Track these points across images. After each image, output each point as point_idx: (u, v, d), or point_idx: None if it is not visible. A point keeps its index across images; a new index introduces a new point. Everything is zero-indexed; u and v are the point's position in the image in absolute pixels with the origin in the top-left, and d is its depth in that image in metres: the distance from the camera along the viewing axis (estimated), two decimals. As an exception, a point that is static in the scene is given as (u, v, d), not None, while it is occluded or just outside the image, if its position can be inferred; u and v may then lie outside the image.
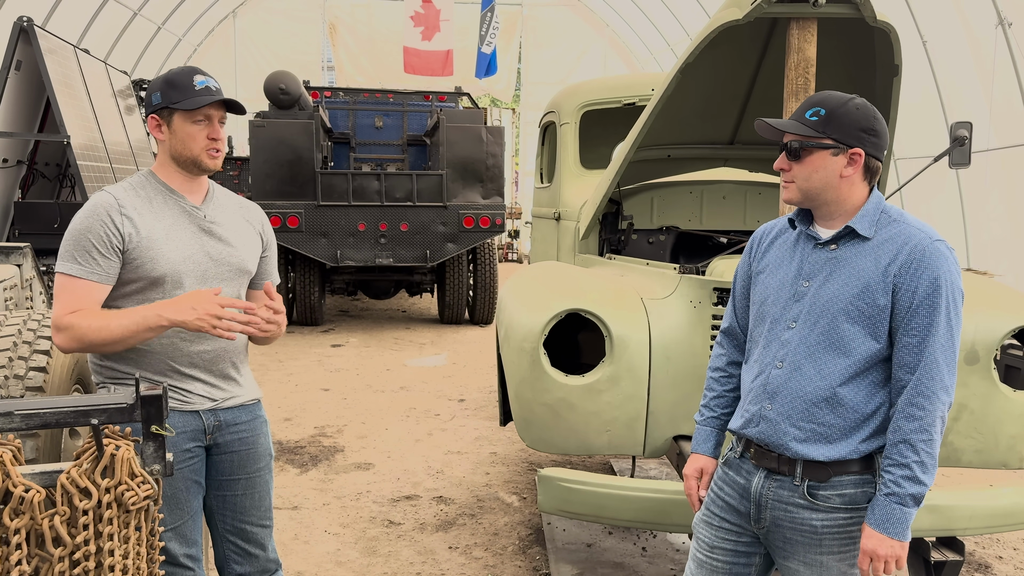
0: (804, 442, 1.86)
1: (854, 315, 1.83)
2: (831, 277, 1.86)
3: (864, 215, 1.86)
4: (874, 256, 1.83)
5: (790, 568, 1.94)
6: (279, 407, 6.23)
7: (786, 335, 1.90)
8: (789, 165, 1.88)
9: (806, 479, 1.87)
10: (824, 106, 1.84)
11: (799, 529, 1.88)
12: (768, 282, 1.97)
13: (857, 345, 1.83)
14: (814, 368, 1.86)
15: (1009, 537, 4.03)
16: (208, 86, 2.09)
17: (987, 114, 8.72)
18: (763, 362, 1.94)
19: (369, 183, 8.97)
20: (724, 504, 2.01)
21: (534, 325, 2.90)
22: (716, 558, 2.02)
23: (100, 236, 2.01)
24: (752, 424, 1.94)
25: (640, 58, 18.09)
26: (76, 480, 1.52)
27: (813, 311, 1.87)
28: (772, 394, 1.90)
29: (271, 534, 2.34)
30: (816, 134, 1.83)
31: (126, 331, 1.95)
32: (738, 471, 1.99)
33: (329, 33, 17.46)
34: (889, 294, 1.81)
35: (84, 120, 8.30)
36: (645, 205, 4.23)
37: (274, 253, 2.39)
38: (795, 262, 1.93)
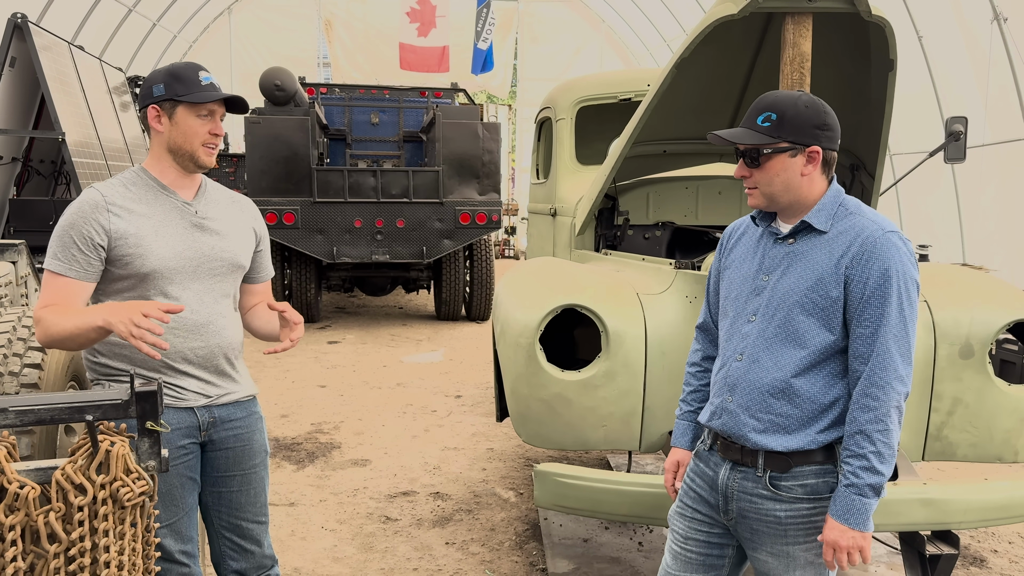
0: (763, 433, 1.89)
1: (808, 307, 1.85)
2: (788, 271, 1.89)
3: (820, 209, 1.89)
4: (828, 249, 1.86)
5: (759, 559, 1.97)
6: (276, 403, 6.23)
7: (746, 328, 1.94)
8: (750, 172, 1.91)
9: (768, 470, 1.90)
10: (774, 110, 1.86)
11: (764, 520, 1.91)
12: (732, 277, 2.01)
13: (812, 337, 1.86)
14: (771, 360, 1.89)
15: (1004, 531, 4.04)
16: (213, 83, 2.12)
17: (982, 109, 8.73)
18: (725, 355, 1.99)
19: (365, 179, 8.96)
20: (696, 496, 2.05)
21: (530, 321, 2.90)
22: (690, 549, 2.05)
23: (82, 234, 2.02)
24: (716, 416, 1.98)
25: (636, 54, 18.08)
26: (71, 476, 1.52)
27: (771, 304, 1.90)
28: (732, 386, 1.94)
29: (267, 530, 2.34)
30: (771, 139, 1.85)
31: (76, 329, 1.92)
32: (707, 463, 2.03)
33: (325, 29, 17.42)
34: (841, 286, 1.83)
35: (79, 117, 8.27)
36: (641, 200, 4.23)
37: (267, 247, 2.40)
38: (757, 257, 1.97)
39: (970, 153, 4.44)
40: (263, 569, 2.33)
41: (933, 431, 3.01)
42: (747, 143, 1.87)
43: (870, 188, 3.67)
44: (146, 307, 1.86)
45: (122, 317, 1.85)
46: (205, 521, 2.29)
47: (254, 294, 2.40)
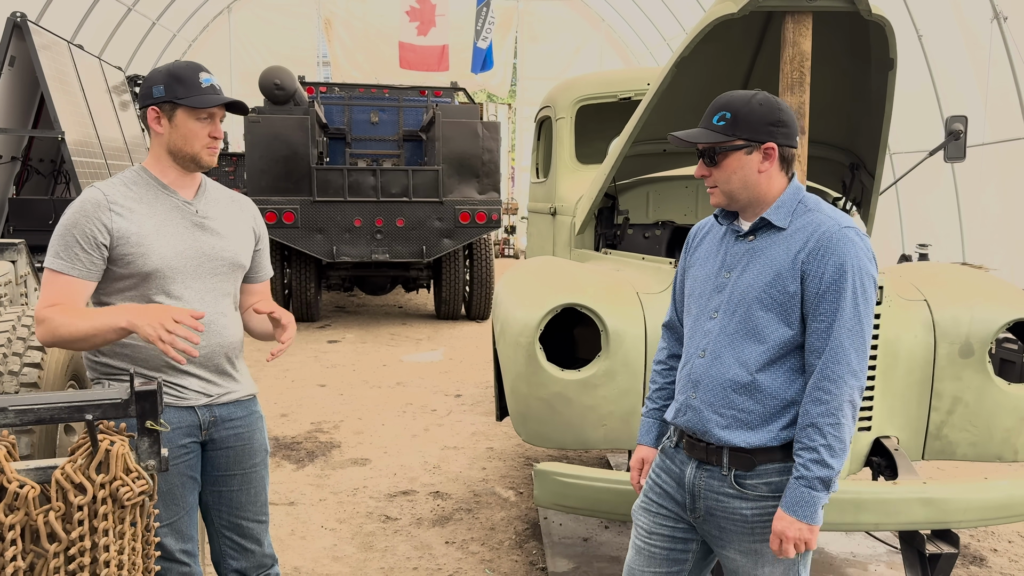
0: (726, 428, 1.91)
1: (767, 303, 1.87)
2: (748, 267, 1.92)
3: (780, 206, 1.92)
4: (786, 245, 1.88)
5: (728, 557, 1.98)
6: (275, 403, 6.23)
7: (708, 325, 1.96)
8: (709, 171, 1.94)
9: (733, 468, 1.92)
10: (728, 109, 1.89)
11: (731, 518, 1.93)
12: (696, 275, 2.04)
13: (771, 332, 1.88)
14: (733, 356, 1.91)
15: (1004, 530, 4.04)
16: (213, 84, 2.11)
17: (982, 108, 8.73)
18: (689, 352, 2.01)
19: (365, 179, 8.95)
20: (661, 491, 2.06)
21: (530, 320, 2.90)
22: (654, 544, 2.06)
23: (85, 232, 2.01)
24: (681, 413, 2.00)
25: (636, 53, 18.08)
26: (71, 476, 1.52)
27: (732, 301, 1.92)
28: (696, 383, 1.96)
29: (267, 529, 2.34)
30: (726, 138, 1.88)
31: (93, 330, 1.93)
32: (673, 460, 2.05)
33: (324, 28, 17.41)
34: (798, 281, 1.85)
35: (78, 116, 8.27)
36: (641, 200, 4.23)
37: (266, 246, 2.40)
38: (719, 255, 2.00)
39: (970, 152, 4.44)
40: (263, 568, 2.33)
41: (933, 430, 3.01)
42: (703, 142, 1.90)
43: (870, 187, 3.67)
44: (177, 313, 1.88)
45: (151, 321, 1.87)
46: (205, 520, 2.29)
47: (253, 294, 2.40)
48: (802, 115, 2.83)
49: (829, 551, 3.70)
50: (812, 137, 3.62)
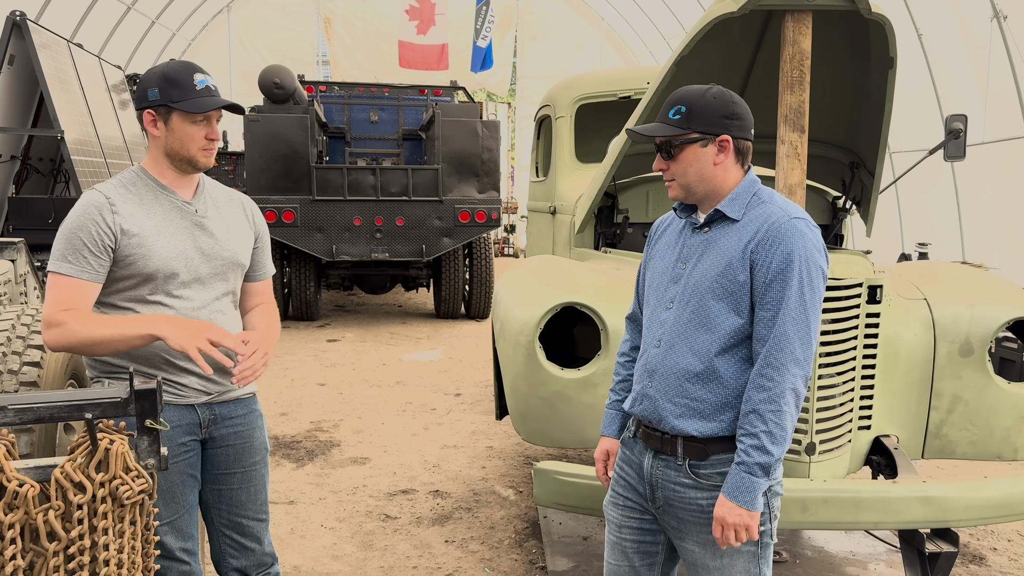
0: (680, 418, 1.93)
1: (719, 293, 1.90)
2: (702, 258, 1.95)
3: (734, 198, 1.95)
4: (737, 236, 1.92)
5: (686, 549, 1.99)
6: (275, 402, 6.23)
7: (664, 315, 1.99)
8: (666, 165, 1.97)
9: (687, 458, 1.94)
10: (683, 103, 1.93)
11: (688, 508, 1.95)
12: (655, 268, 2.07)
13: (723, 322, 1.90)
14: (686, 345, 1.93)
15: (1003, 528, 4.04)
16: (208, 86, 2.08)
17: (982, 107, 8.73)
18: (646, 342, 2.04)
19: (364, 178, 8.95)
20: (626, 484, 2.09)
21: (530, 319, 2.90)
22: (625, 537, 2.08)
23: (92, 235, 2.00)
24: (637, 403, 2.03)
25: (636, 52, 18.07)
26: (70, 474, 1.52)
27: (686, 291, 1.95)
28: (651, 372, 1.98)
29: (267, 528, 2.34)
30: (681, 131, 1.92)
31: (118, 336, 1.95)
32: (632, 451, 2.08)
33: (324, 27, 17.40)
34: (748, 270, 1.88)
35: (78, 115, 8.27)
36: (640, 199, 4.23)
37: (267, 244, 2.39)
38: (677, 247, 2.03)
39: (970, 151, 4.43)
40: (263, 567, 2.33)
41: (933, 429, 3.01)
42: (660, 136, 1.94)
43: (870, 186, 3.67)
44: (215, 333, 1.95)
45: (188, 336, 1.92)
46: (205, 519, 2.29)
47: (255, 293, 2.38)
48: (802, 114, 2.82)
49: (829, 550, 3.70)
50: (812, 136, 3.62)
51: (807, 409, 2.72)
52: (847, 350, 2.80)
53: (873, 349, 2.87)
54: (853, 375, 2.84)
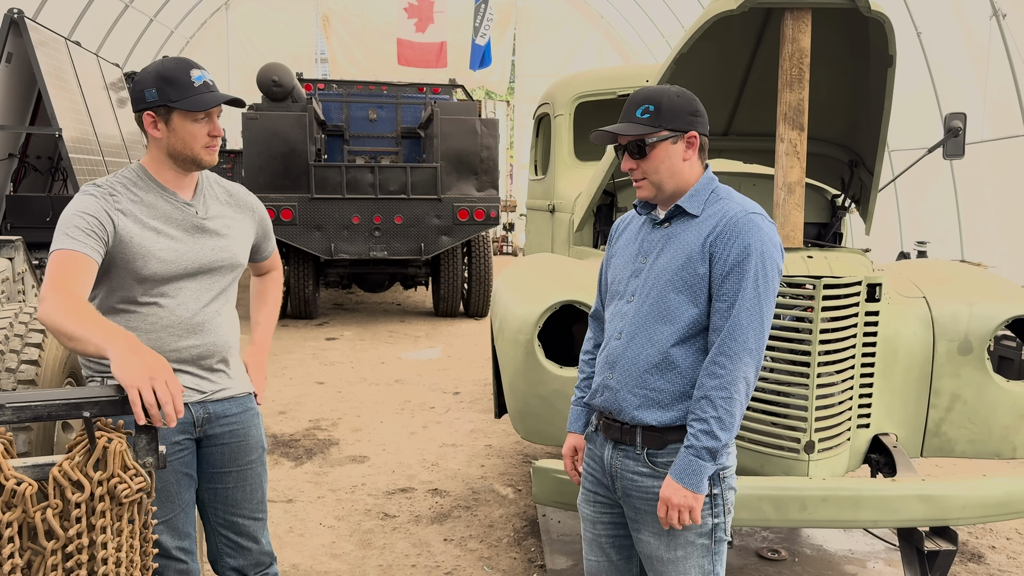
0: (639, 408, 1.97)
1: (679, 285, 1.94)
2: (663, 253, 1.99)
3: (694, 194, 1.99)
4: (697, 231, 1.96)
5: (642, 540, 2.01)
6: (273, 400, 6.22)
7: (625, 308, 2.02)
8: (636, 164, 1.99)
9: (645, 447, 1.97)
10: (651, 101, 1.96)
11: (645, 498, 1.97)
12: (616, 264, 2.11)
13: (681, 313, 1.94)
14: (646, 336, 1.97)
15: (1002, 527, 4.05)
16: (206, 81, 2.03)
17: (981, 105, 8.73)
18: (608, 335, 2.07)
19: (363, 176, 8.94)
20: (594, 479, 2.11)
21: (529, 317, 2.89)
22: (600, 533, 2.11)
23: (92, 217, 1.96)
24: (598, 394, 2.06)
25: (635, 50, 18.06)
26: (68, 473, 1.51)
27: (647, 284, 1.99)
28: (612, 364, 2.01)
29: (264, 527, 2.33)
30: (653, 128, 1.95)
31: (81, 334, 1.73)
32: (594, 443, 2.11)
33: (322, 25, 17.38)
34: (707, 263, 1.93)
35: (76, 113, 8.25)
36: (639, 197, 4.22)
37: (268, 226, 2.41)
38: (637, 243, 2.07)
39: (969, 149, 4.43)
40: (261, 567, 2.32)
41: (932, 427, 3.01)
42: (631, 134, 1.96)
43: (869, 184, 3.66)
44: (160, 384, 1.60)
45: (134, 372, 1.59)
46: (202, 518, 2.28)
47: (263, 268, 2.49)
48: (801, 112, 2.82)
49: (828, 548, 3.70)
50: (811, 134, 3.61)
51: (806, 408, 2.72)
52: (846, 348, 2.80)
53: (872, 347, 2.87)
54: (852, 373, 2.84)
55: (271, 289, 2.52)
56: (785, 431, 2.76)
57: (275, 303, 2.52)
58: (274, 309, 2.51)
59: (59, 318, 1.77)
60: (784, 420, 2.76)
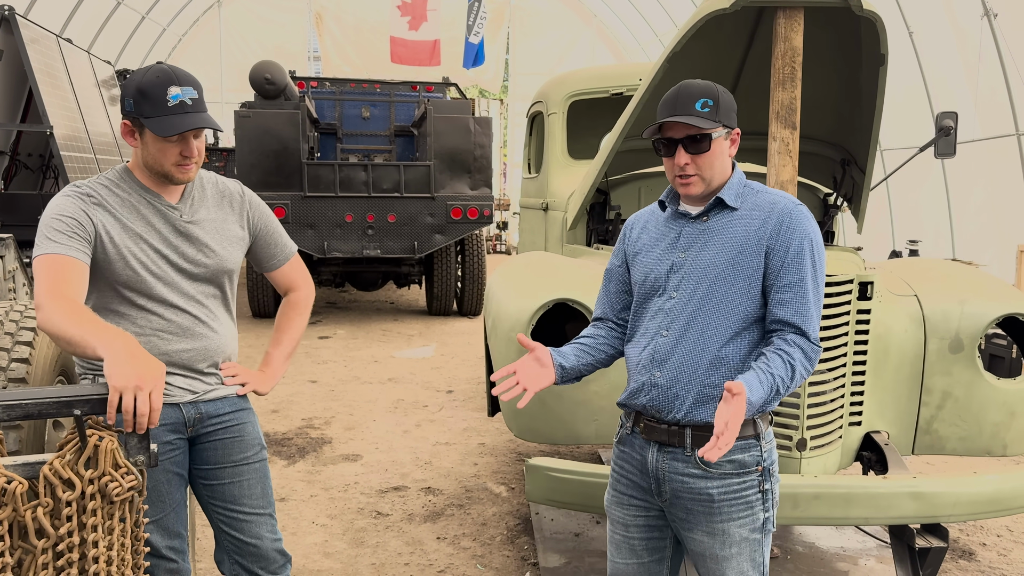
0: (694, 405, 1.94)
1: (731, 278, 1.93)
2: (706, 246, 1.97)
3: (730, 187, 1.99)
4: (744, 223, 1.96)
5: (694, 539, 1.99)
6: (266, 399, 6.21)
7: (668, 304, 1.99)
8: (692, 159, 1.95)
9: (695, 448, 1.94)
10: (708, 96, 1.94)
11: (697, 499, 1.95)
12: (647, 260, 2.07)
13: (735, 307, 1.93)
14: (698, 332, 1.95)
15: (992, 524, 4.07)
16: (183, 101, 1.95)
17: (972, 105, 8.77)
18: (649, 333, 2.02)
19: (356, 174, 8.93)
20: (628, 481, 2.07)
21: (522, 315, 2.89)
22: (633, 536, 2.08)
23: (74, 219, 1.93)
24: (642, 393, 2.00)
25: (628, 48, 18.08)
26: (59, 471, 1.51)
27: (691, 279, 1.97)
28: (660, 361, 1.97)
29: (268, 523, 2.25)
30: (714, 123, 1.93)
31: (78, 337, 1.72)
32: (632, 447, 2.06)
33: (315, 23, 17.34)
34: (762, 255, 1.93)
35: (67, 110, 8.21)
36: (632, 195, 4.23)
37: (273, 229, 2.30)
38: (670, 237, 2.04)
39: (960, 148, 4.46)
40: (272, 564, 2.24)
41: (923, 425, 3.03)
42: (703, 127, 1.92)
43: (861, 183, 3.67)
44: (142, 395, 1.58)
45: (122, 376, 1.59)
46: (206, 516, 2.26)
47: (281, 282, 2.37)
48: (794, 110, 2.83)
49: (820, 546, 3.71)
50: (803, 133, 3.62)
51: (798, 405, 2.73)
52: (838, 346, 2.80)
53: (864, 345, 2.88)
54: (844, 371, 2.84)
55: (293, 317, 2.37)
56: (777, 428, 2.77)
57: (295, 331, 2.36)
58: (292, 339, 2.35)
59: (59, 324, 1.76)
60: (776, 417, 2.77)
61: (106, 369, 1.61)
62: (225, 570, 2.27)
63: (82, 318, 1.77)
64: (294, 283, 2.39)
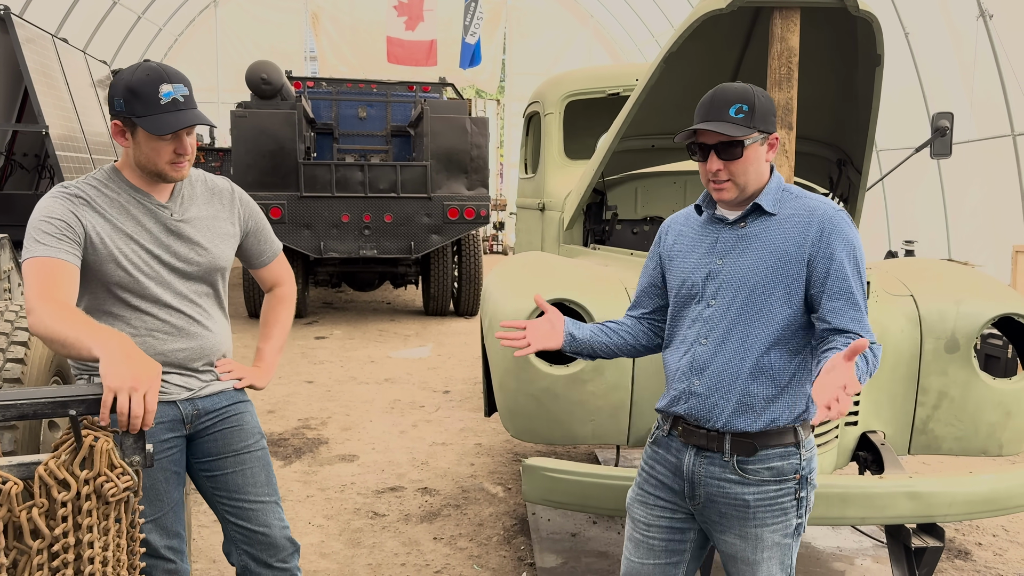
0: (733, 414, 1.93)
1: (771, 286, 1.91)
2: (744, 253, 1.95)
3: (768, 192, 1.96)
4: (783, 229, 1.93)
5: (727, 542, 1.99)
6: (262, 399, 6.20)
7: (707, 312, 1.97)
8: (724, 165, 1.93)
9: (735, 454, 1.94)
10: (743, 101, 1.91)
11: (733, 504, 1.95)
12: (682, 266, 2.05)
13: (776, 314, 1.91)
14: (738, 340, 1.93)
15: (988, 523, 4.07)
16: (175, 98, 1.93)
17: (968, 105, 8.78)
18: (688, 341, 2.01)
19: (352, 174, 8.92)
20: (657, 482, 2.07)
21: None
22: (653, 536, 2.07)
23: (63, 222, 1.92)
24: (681, 401, 2.00)
25: (624, 49, 18.10)
26: (54, 472, 1.50)
27: (730, 286, 1.94)
28: (700, 369, 1.96)
29: (275, 511, 2.23)
30: (749, 130, 1.90)
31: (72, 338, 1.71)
32: (667, 449, 2.06)
33: (312, 23, 17.33)
34: (803, 263, 1.90)
35: (63, 110, 8.20)
36: (629, 195, 4.23)
37: (262, 227, 2.31)
38: (706, 243, 2.02)
39: (956, 149, 4.46)
40: (281, 552, 2.22)
41: (919, 425, 3.03)
42: (733, 135, 1.88)
43: (857, 183, 3.68)
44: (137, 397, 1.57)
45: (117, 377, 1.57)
46: (213, 511, 2.25)
47: (267, 280, 2.39)
48: (790, 111, 2.83)
49: (816, 546, 3.71)
50: (800, 133, 3.63)
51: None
52: (834, 346, 2.80)
53: (860, 345, 2.88)
54: (840, 371, 2.84)
55: (280, 311, 2.40)
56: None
57: (283, 326, 2.39)
58: (281, 333, 2.39)
59: (52, 326, 1.75)
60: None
61: (102, 369, 1.60)
62: (234, 561, 2.25)
63: (75, 320, 1.76)
64: (279, 278, 2.42)
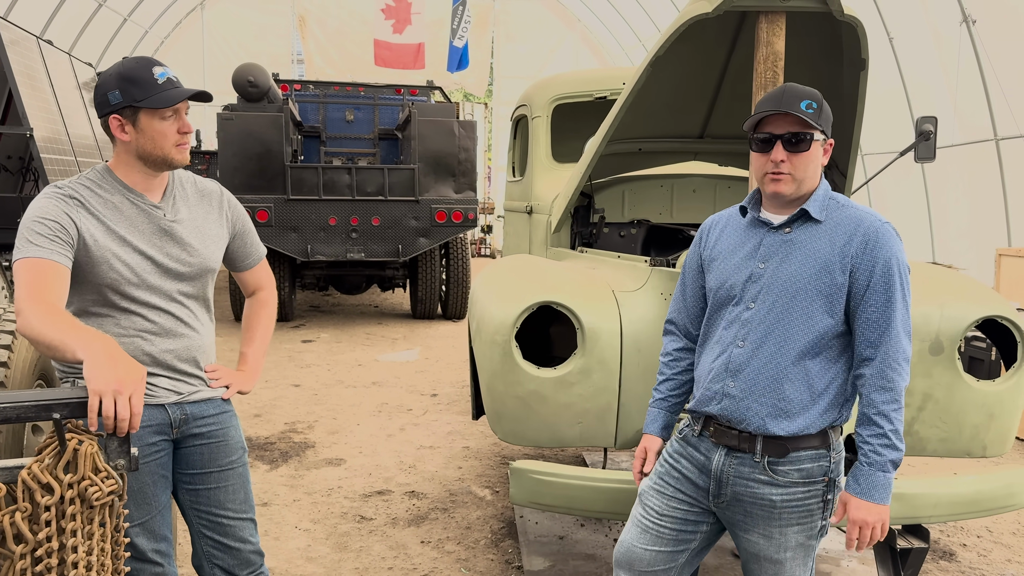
0: (767, 417, 1.94)
1: (812, 293, 1.91)
2: (788, 258, 1.95)
3: (815, 199, 1.96)
4: (829, 238, 1.93)
5: (750, 540, 2.01)
6: (249, 403, 6.17)
7: (746, 315, 1.98)
8: (788, 156, 1.92)
9: (766, 456, 1.95)
10: (813, 98, 1.92)
11: (759, 503, 1.96)
12: (724, 267, 2.05)
13: (815, 322, 1.92)
14: (776, 345, 1.94)
15: (973, 524, 4.10)
16: (170, 78, 1.98)
17: (951, 110, 8.86)
18: (724, 342, 2.01)
19: (340, 177, 8.90)
20: (680, 476, 2.08)
21: (506, 318, 2.89)
22: (665, 525, 2.09)
23: (54, 223, 1.91)
24: (714, 401, 2.01)
25: (611, 53, 18.15)
26: (38, 476, 1.49)
27: (771, 291, 1.95)
28: (735, 372, 1.97)
29: (252, 527, 2.27)
30: (816, 126, 1.91)
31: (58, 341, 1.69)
32: (697, 448, 2.07)
33: (298, 25, 17.29)
34: (847, 273, 1.90)
35: (48, 113, 8.14)
36: (616, 198, 4.24)
37: (248, 230, 2.32)
38: (749, 246, 2.02)
39: (939, 153, 4.50)
40: (252, 566, 2.26)
41: (904, 426, 3.05)
42: (807, 123, 1.90)
43: (842, 186, 3.70)
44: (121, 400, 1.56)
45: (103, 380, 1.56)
46: (186, 521, 2.24)
47: (249, 283, 2.39)
48: (776, 114, 2.84)
49: (802, 547, 3.73)
50: (785, 137, 3.64)
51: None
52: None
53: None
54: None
55: (263, 315, 2.41)
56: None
57: (266, 329, 2.40)
58: (264, 336, 2.39)
59: (39, 328, 1.74)
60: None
61: (86, 372, 1.59)
62: (205, 573, 2.25)
63: (62, 322, 1.75)
64: (261, 282, 2.43)
